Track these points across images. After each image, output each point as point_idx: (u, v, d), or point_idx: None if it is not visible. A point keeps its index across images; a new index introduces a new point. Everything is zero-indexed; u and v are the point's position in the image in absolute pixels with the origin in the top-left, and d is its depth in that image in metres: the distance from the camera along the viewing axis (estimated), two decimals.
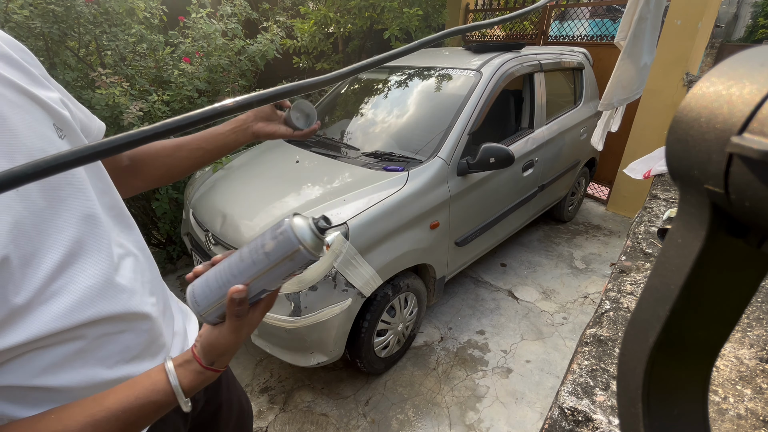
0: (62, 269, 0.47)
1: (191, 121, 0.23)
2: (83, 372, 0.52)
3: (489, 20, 0.46)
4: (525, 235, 3.28)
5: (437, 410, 1.81)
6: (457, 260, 2.19)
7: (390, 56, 0.36)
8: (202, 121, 0.23)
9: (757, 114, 0.16)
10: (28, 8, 2.08)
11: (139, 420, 0.45)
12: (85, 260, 0.50)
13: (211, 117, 0.24)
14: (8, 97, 0.46)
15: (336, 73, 0.32)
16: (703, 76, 0.19)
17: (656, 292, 0.21)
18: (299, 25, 4.11)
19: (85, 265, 0.50)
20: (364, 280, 1.61)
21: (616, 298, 0.91)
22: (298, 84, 0.30)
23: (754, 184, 0.15)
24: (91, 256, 0.51)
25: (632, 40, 1.99)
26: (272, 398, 1.88)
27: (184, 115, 0.23)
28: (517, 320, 2.36)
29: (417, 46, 0.37)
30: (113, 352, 0.55)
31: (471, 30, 0.42)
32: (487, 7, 4.48)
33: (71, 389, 0.51)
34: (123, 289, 0.55)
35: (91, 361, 0.52)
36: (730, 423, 0.61)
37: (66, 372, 0.50)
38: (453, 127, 1.99)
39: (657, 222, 1.25)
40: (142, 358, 0.60)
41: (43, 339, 0.45)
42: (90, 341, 0.51)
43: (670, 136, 0.19)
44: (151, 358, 0.62)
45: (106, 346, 0.54)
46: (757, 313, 0.84)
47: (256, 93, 0.27)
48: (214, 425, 0.89)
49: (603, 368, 0.72)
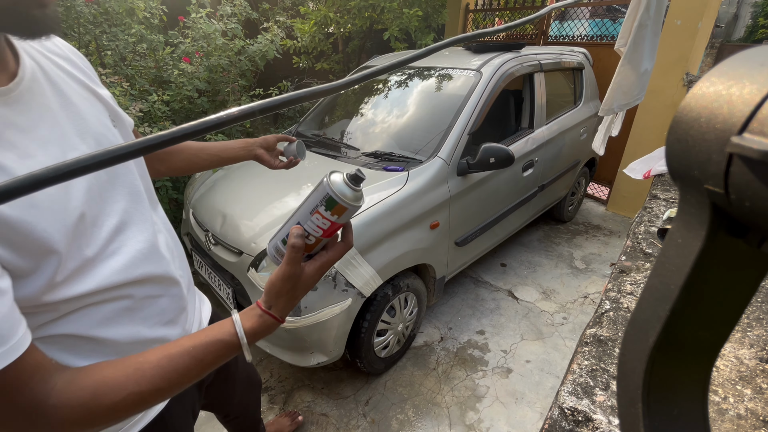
0: (117, 233, 0.57)
1: (206, 126, 0.25)
2: (129, 328, 0.61)
3: (495, 27, 0.47)
4: (525, 235, 3.28)
5: (437, 410, 1.81)
6: (457, 260, 2.19)
7: (407, 60, 0.36)
8: (215, 126, 0.26)
9: (757, 114, 0.16)
10: None
11: (206, 356, 0.51)
12: (134, 228, 0.61)
13: (217, 126, 0.26)
14: (77, 90, 0.59)
15: (348, 79, 0.32)
16: (703, 76, 0.19)
17: (656, 292, 0.21)
18: (299, 25, 4.11)
19: (134, 232, 0.60)
20: (364, 280, 1.61)
21: (616, 298, 0.91)
22: (312, 90, 0.30)
23: (754, 184, 0.15)
24: (138, 225, 0.62)
25: (632, 47, 1.99)
26: (272, 398, 1.88)
27: (198, 122, 0.25)
28: (517, 320, 2.36)
29: (432, 49, 0.37)
30: (153, 313, 0.65)
31: (479, 37, 0.42)
32: (487, 7, 4.48)
33: (118, 343, 0.59)
34: (163, 256, 0.65)
35: (136, 320, 0.62)
36: (730, 423, 0.61)
37: (116, 327, 0.59)
38: (453, 127, 1.99)
39: (657, 222, 1.25)
40: (174, 323, 0.70)
41: (102, 293, 0.55)
42: (136, 301, 0.61)
43: (670, 136, 0.19)
44: (181, 326, 0.72)
45: (148, 307, 0.63)
46: (757, 313, 0.84)
47: (279, 96, 0.28)
48: (225, 393, 1.06)
49: (603, 368, 0.72)
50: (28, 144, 0.47)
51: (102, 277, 0.54)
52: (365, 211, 1.62)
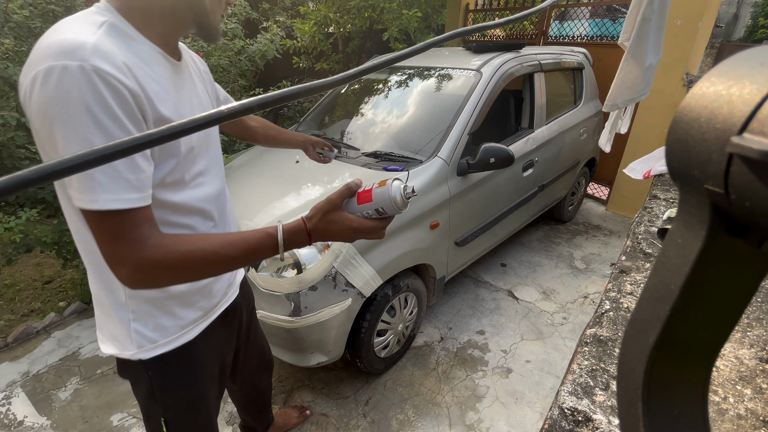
0: (203, 174, 0.81)
1: (206, 121, 0.27)
2: None
3: (495, 21, 0.47)
4: (525, 235, 3.28)
5: (437, 410, 1.81)
6: (457, 260, 2.19)
7: (400, 56, 0.36)
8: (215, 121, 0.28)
9: (757, 114, 0.16)
10: (28, 8, 2.08)
11: (252, 240, 0.67)
12: (211, 175, 0.85)
13: (217, 120, 0.28)
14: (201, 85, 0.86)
15: (343, 75, 0.32)
16: (703, 76, 0.19)
17: (656, 292, 0.21)
18: (299, 25, 4.11)
19: (211, 178, 0.84)
20: (364, 280, 1.61)
21: (616, 298, 0.91)
22: (306, 86, 0.30)
23: (754, 184, 0.15)
24: (215, 173, 0.86)
25: (636, 41, 1.98)
26: (272, 398, 1.87)
27: (198, 116, 0.27)
28: (517, 320, 2.36)
29: (426, 46, 0.37)
30: None
31: (478, 31, 0.42)
32: (487, 7, 4.48)
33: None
34: (222, 204, 0.90)
35: None
36: (730, 423, 0.61)
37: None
38: (453, 127, 1.99)
39: (657, 222, 1.25)
40: None
41: (181, 210, 0.77)
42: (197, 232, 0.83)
43: (670, 136, 0.19)
44: None
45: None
46: (757, 313, 0.84)
47: (275, 92, 0.30)
48: (246, 360, 1.23)
49: (603, 368, 0.72)
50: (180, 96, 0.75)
51: (186, 197, 0.77)
52: None
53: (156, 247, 0.62)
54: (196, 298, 0.88)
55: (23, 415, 1.80)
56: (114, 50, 0.61)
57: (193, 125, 0.26)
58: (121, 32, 0.65)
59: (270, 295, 1.54)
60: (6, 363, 2.08)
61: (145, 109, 0.64)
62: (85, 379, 1.98)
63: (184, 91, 0.77)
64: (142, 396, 0.91)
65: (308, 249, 1.52)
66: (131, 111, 0.61)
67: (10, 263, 2.13)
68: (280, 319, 1.53)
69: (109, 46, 0.60)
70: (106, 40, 0.61)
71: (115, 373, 2.00)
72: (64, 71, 0.55)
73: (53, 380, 1.97)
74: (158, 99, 0.67)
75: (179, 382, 0.90)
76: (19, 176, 0.21)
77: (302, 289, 1.50)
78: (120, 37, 0.64)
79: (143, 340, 0.82)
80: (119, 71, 0.59)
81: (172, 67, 0.74)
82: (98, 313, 0.85)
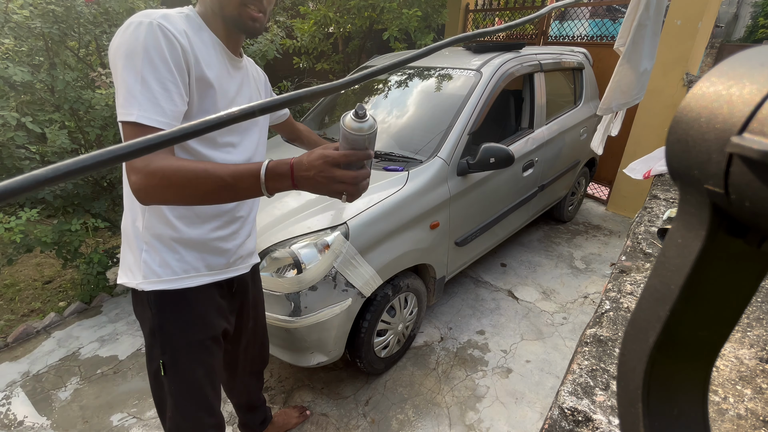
0: (234, 146, 0.94)
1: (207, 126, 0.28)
2: None
3: (505, 24, 0.47)
4: (525, 235, 3.28)
5: (437, 410, 1.81)
6: (457, 260, 2.19)
7: (410, 58, 0.36)
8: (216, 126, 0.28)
9: (757, 114, 0.16)
10: (28, 8, 2.07)
11: (237, 169, 0.74)
12: (242, 149, 0.96)
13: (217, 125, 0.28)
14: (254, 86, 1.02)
15: (349, 78, 0.32)
16: (703, 76, 0.19)
17: (656, 292, 0.21)
18: (299, 25, 4.10)
19: (241, 151, 0.96)
20: (364, 280, 1.61)
21: (616, 298, 0.91)
22: (313, 89, 0.31)
23: (754, 184, 0.15)
24: (245, 148, 0.97)
25: (631, 46, 1.99)
26: (272, 398, 1.88)
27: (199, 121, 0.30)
28: (517, 320, 2.36)
29: (437, 47, 0.38)
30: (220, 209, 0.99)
31: (485, 35, 0.42)
32: (487, 7, 4.48)
33: None
34: None
35: None
36: (730, 423, 0.61)
37: None
38: (453, 127, 1.99)
39: (657, 222, 1.25)
40: (231, 223, 1.02)
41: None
42: None
43: (670, 136, 0.19)
44: (234, 230, 1.03)
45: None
46: (757, 313, 0.84)
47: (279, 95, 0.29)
48: (241, 349, 1.27)
49: (603, 368, 0.72)
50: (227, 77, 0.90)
51: (213, 156, 0.88)
52: (365, 211, 1.62)
53: (163, 160, 0.73)
54: (204, 250, 0.96)
55: (23, 415, 1.80)
56: (180, 23, 0.80)
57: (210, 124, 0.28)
58: (195, 22, 0.85)
59: (270, 295, 1.54)
60: (6, 363, 2.08)
61: (190, 63, 0.79)
62: (85, 379, 1.98)
63: (235, 78, 0.92)
64: (146, 335, 0.99)
65: (308, 249, 1.52)
66: (178, 60, 0.77)
67: (11, 263, 2.13)
68: (280, 319, 1.53)
69: (177, 19, 0.80)
70: (177, 17, 0.81)
71: (115, 373, 2.01)
72: (139, 24, 0.75)
73: (53, 380, 1.98)
74: (205, 63, 0.83)
75: (178, 326, 0.97)
76: (62, 166, 0.22)
77: (302, 289, 1.50)
78: (192, 23, 0.84)
79: (149, 272, 0.92)
80: (177, 32, 0.77)
81: (229, 59, 0.90)
82: (123, 247, 0.97)
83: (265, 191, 0.73)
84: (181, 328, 0.98)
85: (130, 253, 0.94)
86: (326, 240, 1.52)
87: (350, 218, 1.58)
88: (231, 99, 0.91)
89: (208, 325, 1.02)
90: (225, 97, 0.88)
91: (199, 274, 0.97)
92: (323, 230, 1.55)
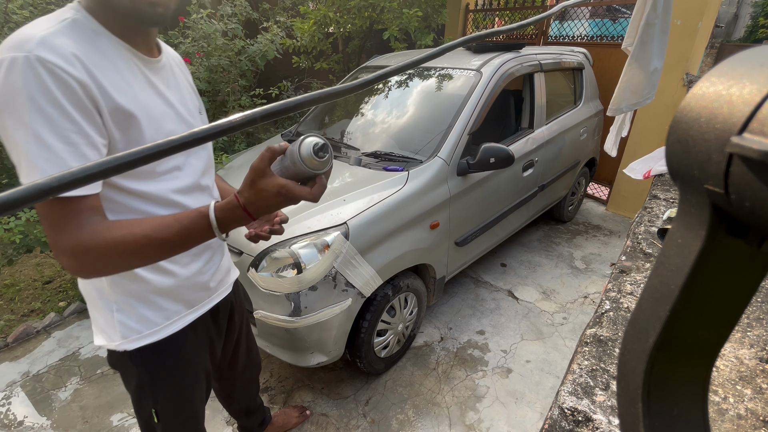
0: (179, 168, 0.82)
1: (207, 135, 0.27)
2: None
3: (513, 25, 0.47)
4: (525, 235, 3.28)
5: (437, 410, 1.81)
6: (457, 260, 2.19)
7: (423, 59, 0.36)
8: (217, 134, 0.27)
9: (757, 114, 0.16)
10: (28, 8, 2.08)
11: (184, 220, 0.65)
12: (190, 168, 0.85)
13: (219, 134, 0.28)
14: (184, 82, 0.89)
15: (362, 80, 0.32)
16: (703, 76, 0.19)
17: (656, 292, 0.21)
18: (299, 24, 4.11)
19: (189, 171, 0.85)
20: (364, 280, 1.61)
21: (616, 298, 0.91)
22: (321, 92, 0.31)
23: (754, 184, 0.15)
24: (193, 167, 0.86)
25: (639, 46, 1.97)
26: (272, 398, 1.88)
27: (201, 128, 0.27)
28: (517, 320, 2.36)
29: (449, 47, 0.38)
30: None
31: (493, 35, 0.43)
32: (487, 7, 4.47)
33: None
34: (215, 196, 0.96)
35: None
36: (730, 423, 0.61)
37: None
38: (453, 127, 1.99)
39: (657, 222, 1.25)
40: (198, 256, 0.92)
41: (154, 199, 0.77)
42: None
43: (670, 136, 0.19)
44: (204, 260, 0.93)
45: None
46: (757, 313, 0.84)
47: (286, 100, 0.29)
48: (232, 363, 1.22)
49: (603, 368, 0.72)
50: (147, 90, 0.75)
51: (157, 189, 0.77)
52: (365, 211, 1.62)
53: (91, 233, 0.62)
54: (182, 291, 0.88)
55: (23, 415, 1.80)
56: (65, 42, 0.63)
57: (193, 138, 0.26)
58: (85, 27, 0.67)
59: (270, 295, 1.54)
60: (6, 363, 2.08)
61: (96, 99, 0.65)
62: (85, 379, 1.98)
63: (157, 86, 0.78)
64: (131, 387, 0.93)
65: (308, 249, 1.52)
66: (78, 100, 0.62)
67: (11, 263, 2.13)
68: (280, 319, 1.53)
69: (60, 39, 0.62)
70: (61, 34, 0.63)
71: (115, 373, 2.00)
72: (12, 63, 0.58)
73: (53, 380, 1.97)
74: (115, 88, 0.67)
75: (166, 374, 0.91)
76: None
77: (302, 289, 1.50)
78: (82, 32, 0.66)
79: (127, 331, 0.83)
80: (65, 61, 0.61)
81: (143, 63, 0.75)
82: (89, 306, 0.87)
83: (220, 234, 0.65)
84: (170, 375, 0.92)
85: (99, 315, 0.84)
86: (326, 240, 1.52)
87: (350, 218, 1.58)
88: (161, 116, 0.76)
89: (198, 363, 0.97)
90: (152, 119, 0.74)
91: (181, 315, 0.89)
92: (323, 230, 1.55)
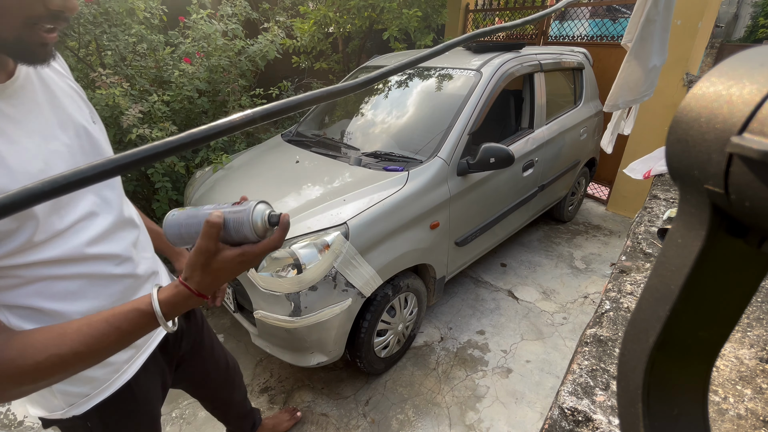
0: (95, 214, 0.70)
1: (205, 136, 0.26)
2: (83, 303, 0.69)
3: (512, 22, 0.47)
4: (525, 235, 3.28)
5: (437, 410, 1.81)
6: (457, 260, 2.19)
7: (423, 57, 0.36)
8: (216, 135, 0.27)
9: (757, 114, 0.16)
10: None
11: (123, 323, 0.54)
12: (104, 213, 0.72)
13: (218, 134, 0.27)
14: (64, 88, 0.70)
15: (364, 79, 0.32)
16: (703, 76, 0.19)
17: (656, 292, 0.21)
18: (299, 24, 4.11)
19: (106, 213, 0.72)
20: (364, 280, 1.61)
21: (616, 298, 0.91)
22: (322, 91, 0.31)
23: (754, 184, 0.15)
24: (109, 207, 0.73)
25: (639, 42, 1.97)
26: (272, 398, 1.88)
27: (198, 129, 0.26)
28: (517, 320, 2.36)
29: (450, 45, 0.38)
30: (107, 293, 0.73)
31: (497, 32, 0.43)
32: (487, 7, 4.47)
33: (72, 317, 0.63)
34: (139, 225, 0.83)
35: (89, 296, 0.70)
36: (730, 423, 0.61)
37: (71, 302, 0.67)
38: (453, 127, 1.99)
39: (657, 222, 1.25)
40: None
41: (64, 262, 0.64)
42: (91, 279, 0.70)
43: (670, 136, 0.19)
44: None
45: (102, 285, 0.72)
46: (757, 313, 0.84)
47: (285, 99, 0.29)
48: (199, 373, 1.13)
49: (603, 368, 0.72)
50: (17, 132, 0.58)
51: (68, 249, 0.64)
52: (365, 211, 1.62)
53: (6, 350, 0.50)
54: None
55: (23, 415, 1.80)
56: None
57: (192, 139, 0.26)
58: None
59: (270, 295, 1.54)
60: None
61: None
62: None
63: (19, 121, 0.60)
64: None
65: (308, 249, 1.52)
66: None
67: None
68: (280, 319, 1.53)
69: None
70: None
71: None
72: None
73: None
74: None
75: (124, 422, 0.84)
76: None
77: (302, 289, 1.50)
78: None
79: (72, 398, 0.74)
80: None
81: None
82: None
83: (171, 327, 0.58)
84: (128, 423, 0.85)
85: None
86: (326, 240, 1.52)
87: (350, 218, 1.58)
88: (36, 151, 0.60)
89: (154, 402, 0.91)
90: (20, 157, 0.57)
91: (131, 361, 0.81)
92: (323, 230, 1.55)
